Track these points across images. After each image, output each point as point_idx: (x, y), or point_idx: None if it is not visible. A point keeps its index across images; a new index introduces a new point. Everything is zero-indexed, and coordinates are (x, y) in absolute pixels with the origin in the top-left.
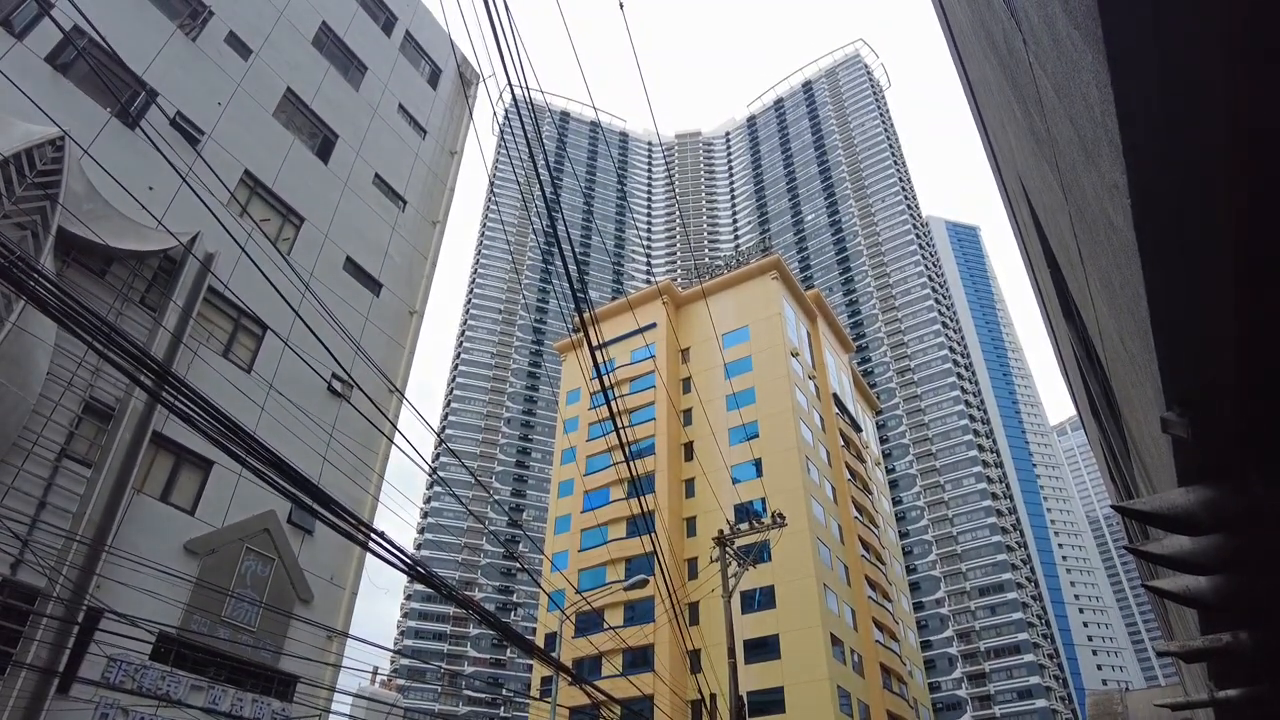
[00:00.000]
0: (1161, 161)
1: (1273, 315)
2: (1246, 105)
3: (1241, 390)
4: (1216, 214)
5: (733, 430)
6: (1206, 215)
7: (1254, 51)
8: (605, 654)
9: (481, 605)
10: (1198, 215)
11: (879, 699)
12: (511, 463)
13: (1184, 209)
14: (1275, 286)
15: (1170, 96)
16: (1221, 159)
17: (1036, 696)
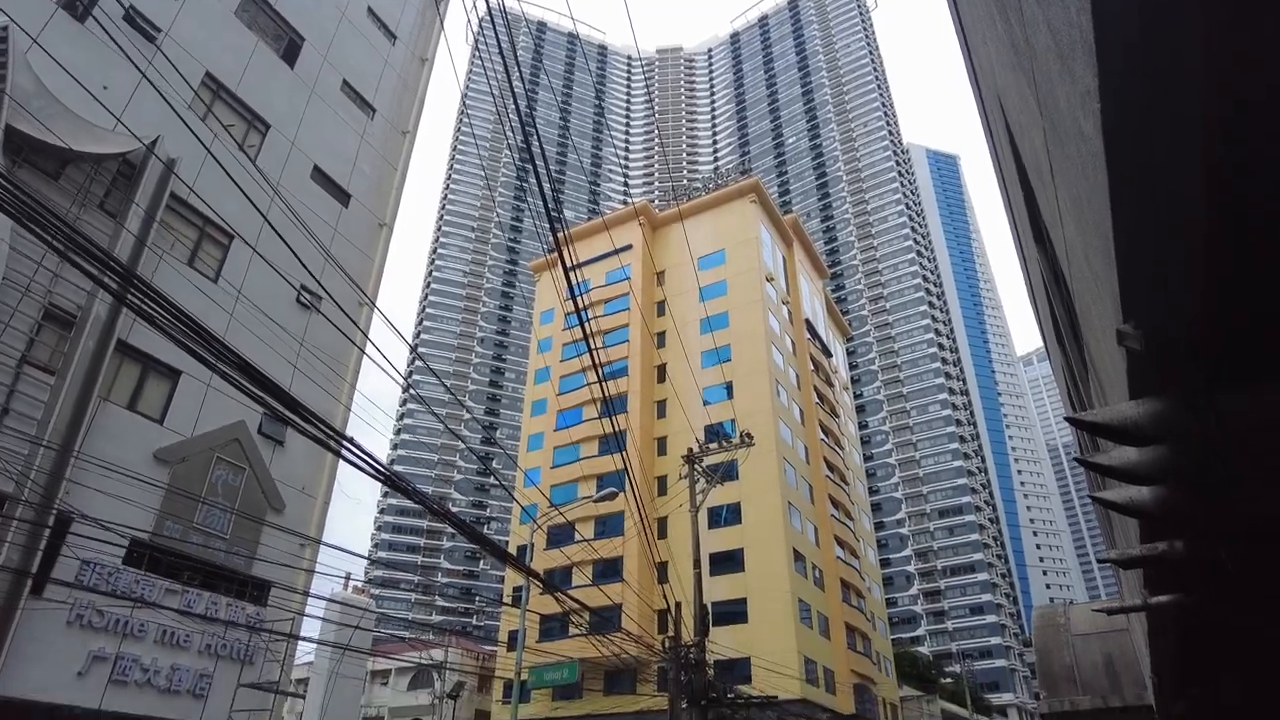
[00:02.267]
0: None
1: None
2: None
3: (1196, 303)
4: (1186, 121)
5: (705, 354)
6: (1177, 122)
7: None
8: (576, 565)
9: (453, 513)
10: (1168, 121)
11: (838, 611)
12: (485, 382)
13: (1154, 113)
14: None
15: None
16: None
17: (988, 612)
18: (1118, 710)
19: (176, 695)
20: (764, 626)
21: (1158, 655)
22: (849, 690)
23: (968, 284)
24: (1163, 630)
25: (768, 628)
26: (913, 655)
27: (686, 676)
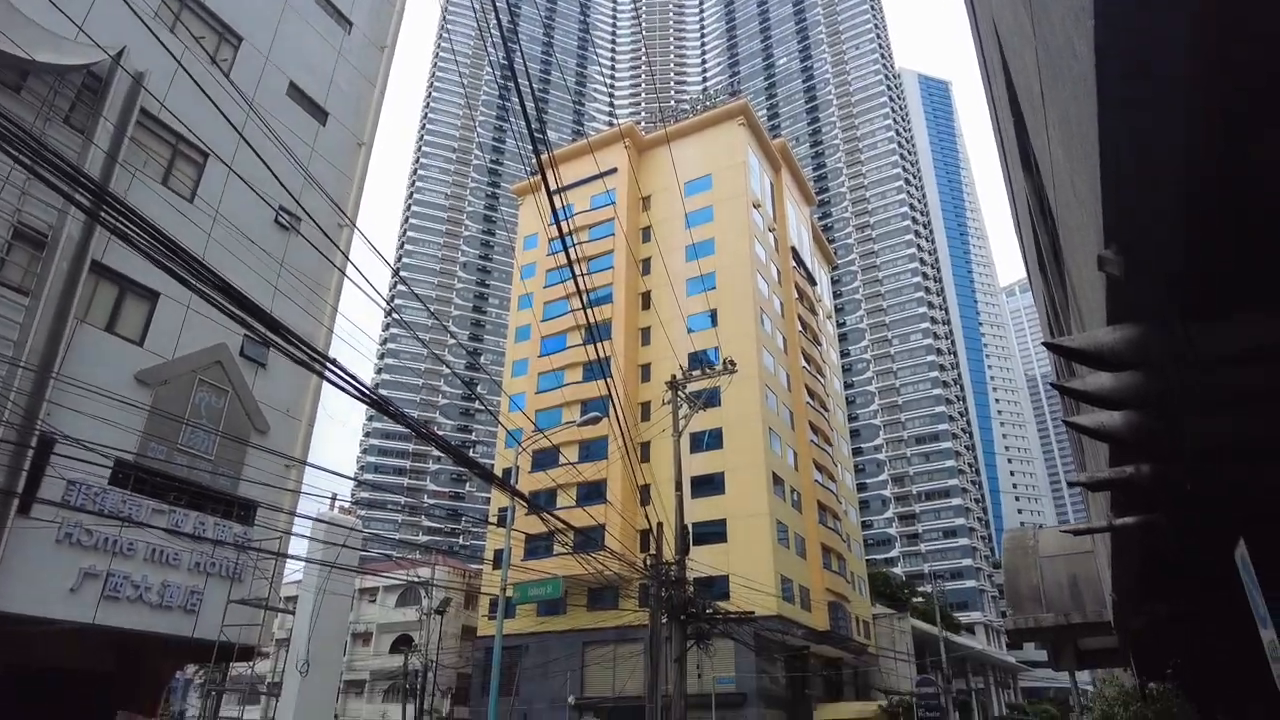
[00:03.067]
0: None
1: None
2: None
3: (1176, 229)
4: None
5: (690, 281)
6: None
7: None
8: (561, 487)
9: (438, 435)
10: (1157, 40)
11: (814, 533)
12: (469, 308)
13: (1144, 31)
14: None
15: None
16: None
17: (960, 535)
18: (1078, 626)
19: (169, 610)
20: (743, 547)
21: (1119, 575)
22: (824, 608)
23: (954, 213)
24: (1125, 551)
25: (746, 548)
26: (886, 575)
27: (667, 593)
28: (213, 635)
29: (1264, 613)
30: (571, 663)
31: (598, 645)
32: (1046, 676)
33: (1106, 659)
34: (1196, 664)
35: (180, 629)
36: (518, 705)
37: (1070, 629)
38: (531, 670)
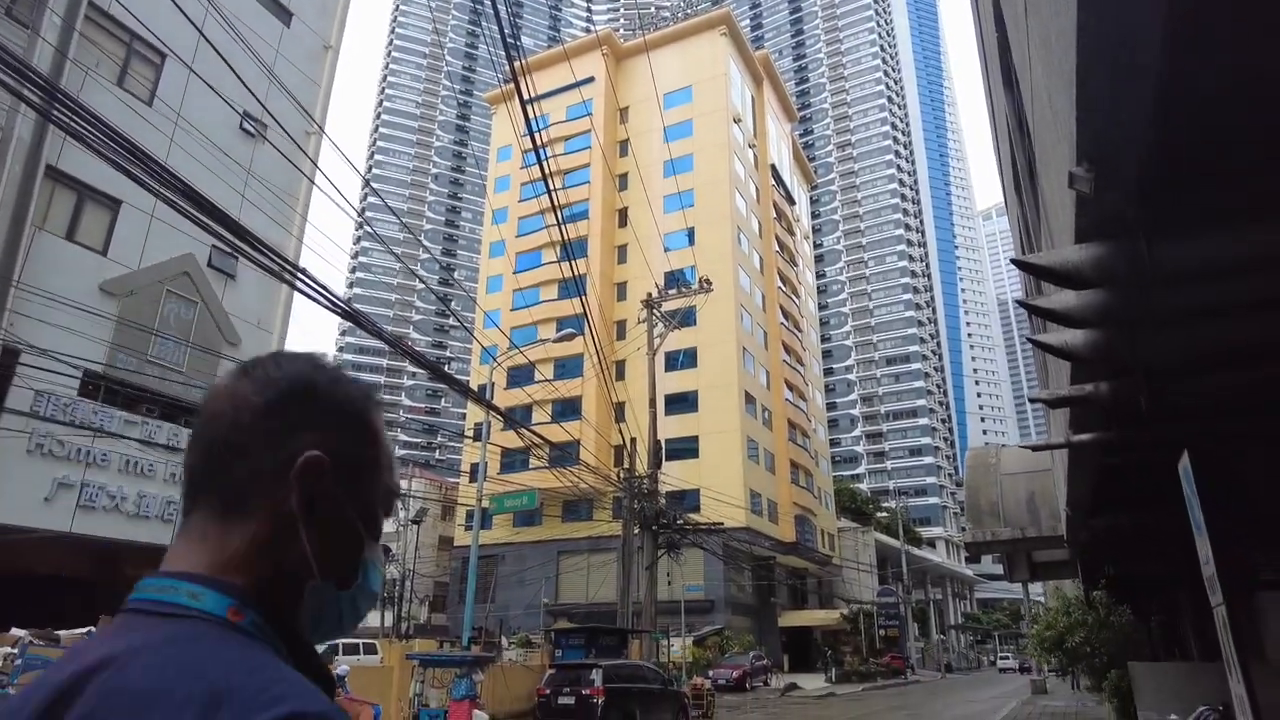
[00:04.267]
0: None
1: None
2: None
3: (1144, 149)
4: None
5: (668, 198)
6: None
7: None
8: (537, 403)
9: (411, 347)
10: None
11: (784, 450)
12: (441, 221)
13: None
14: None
15: None
16: None
17: (925, 454)
18: (1033, 539)
19: (145, 520)
20: (714, 462)
21: (1073, 490)
22: (791, 521)
23: (936, 133)
24: (1080, 467)
25: (717, 463)
26: (852, 491)
27: (639, 504)
28: None
29: (1200, 520)
30: (546, 570)
31: (571, 554)
32: (1001, 589)
33: (1057, 571)
34: (1131, 572)
35: (159, 538)
36: (493, 612)
37: (1025, 541)
38: (508, 578)
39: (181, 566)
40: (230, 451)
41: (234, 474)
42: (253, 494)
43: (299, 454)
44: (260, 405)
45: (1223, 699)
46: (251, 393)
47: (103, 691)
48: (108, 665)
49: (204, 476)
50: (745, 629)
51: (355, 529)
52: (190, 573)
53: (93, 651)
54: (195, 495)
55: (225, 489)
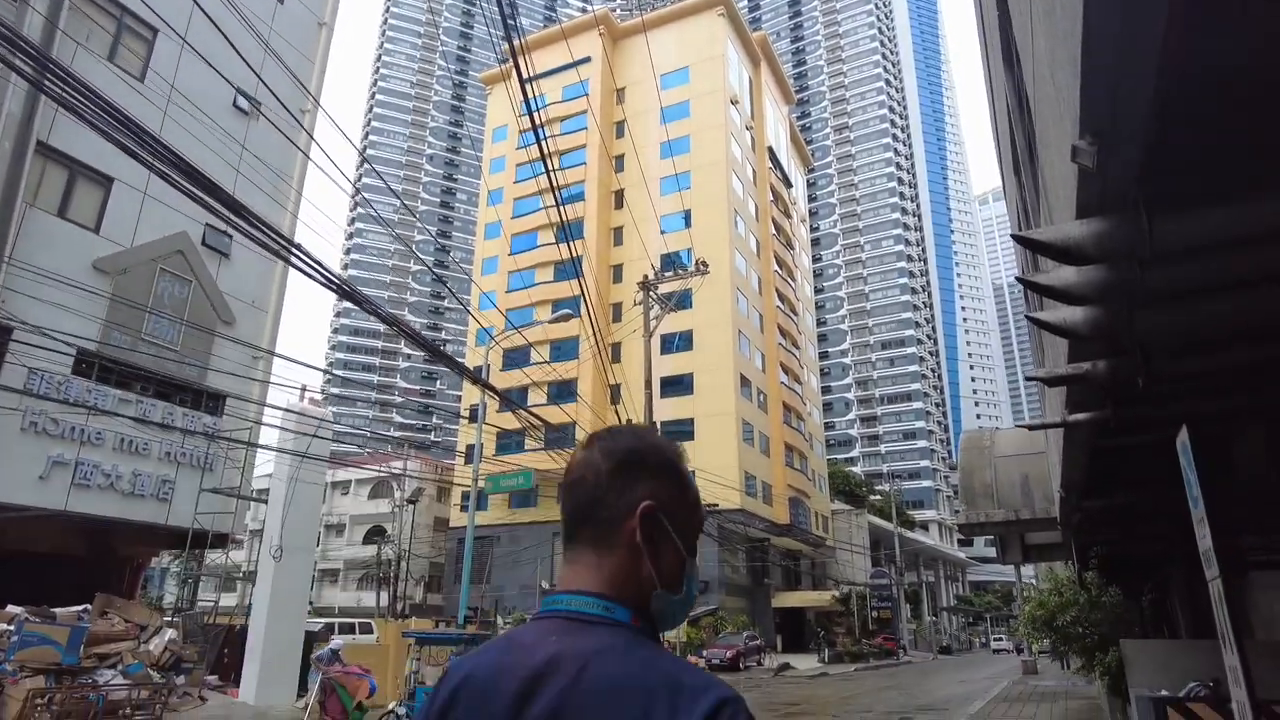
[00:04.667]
0: None
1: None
2: None
3: (1148, 121)
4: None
5: (665, 180)
6: None
7: None
8: (534, 383)
9: (407, 324)
10: None
11: (779, 432)
12: (436, 203)
13: None
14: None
15: None
16: None
17: (919, 438)
18: (1026, 521)
19: (141, 499)
20: (709, 444)
21: (1067, 472)
22: (785, 503)
23: (933, 117)
24: (1075, 447)
25: (713, 445)
26: (846, 474)
27: None
28: (186, 523)
29: (1197, 492)
30: (541, 551)
31: None
32: (994, 571)
33: (1050, 553)
34: (1123, 553)
35: (154, 517)
36: (489, 592)
37: (1019, 524)
38: (503, 559)
39: (585, 586)
40: (594, 503)
41: (599, 518)
42: (613, 531)
43: (638, 502)
44: (608, 469)
45: (1212, 675)
46: (601, 460)
47: (588, 677)
48: (575, 659)
49: (580, 519)
50: (739, 610)
51: (679, 550)
52: (597, 591)
53: (544, 648)
54: (575, 532)
55: (596, 528)
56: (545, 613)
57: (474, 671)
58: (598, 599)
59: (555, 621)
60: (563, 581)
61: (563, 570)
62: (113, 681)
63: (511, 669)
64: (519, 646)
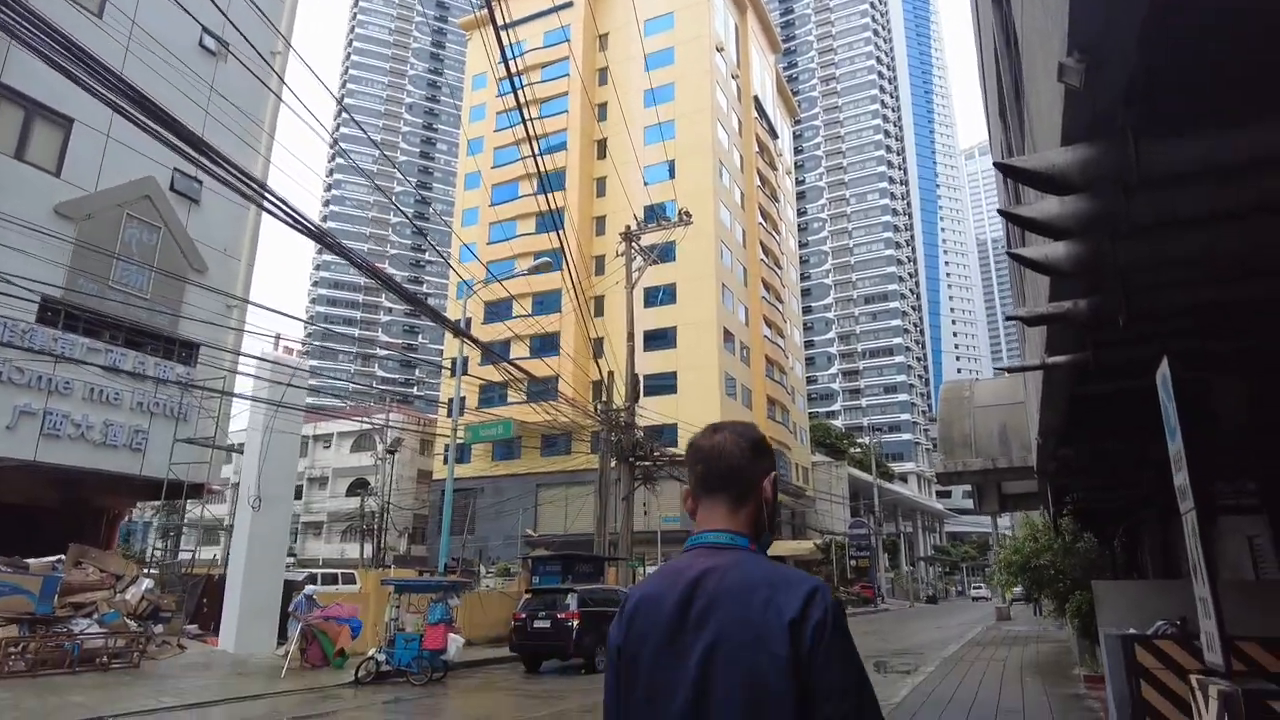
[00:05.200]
0: None
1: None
2: None
3: (1139, 37)
4: None
5: (648, 129)
6: None
7: None
8: (516, 336)
9: (387, 273)
10: None
11: (761, 386)
12: (415, 153)
13: None
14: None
15: None
16: None
17: (900, 391)
18: (1004, 470)
19: (113, 449)
20: (691, 397)
21: (1045, 418)
22: None
23: (921, 69)
24: (1053, 393)
25: (695, 398)
26: (827, 427)
27: (616, 437)
28: (161, 474)
29: (1174, 423)
30: (525, 503)
31: (550, 487)
32: (971, 522)
33: (1025, 502)
34: (1096, 501)
35: (127, 467)
36: (470, 542)
37: (996, 472)
38: (487, 510)
39: (718, 525)
40: (735, 470)
41: (740, 480)
42: (750, 490)
43: (765, 473)
44: (747, 449)
45: (1180, 613)
46: (736, 442)
47: (729, 578)
48: (719, 569)
49: (721, 482)
50: None
51: (776, 506)
52: (725, 528)
53: (697, 566)
54: (713, 489)
55: (735, 489)
56: (691, 545)
57: (646, 591)
58: (727, 533)
59: (700, 550)
60: (703, 523)
61: (702, 514)
62: (88, 630)
63: (674, 583)
64: (677, 570)
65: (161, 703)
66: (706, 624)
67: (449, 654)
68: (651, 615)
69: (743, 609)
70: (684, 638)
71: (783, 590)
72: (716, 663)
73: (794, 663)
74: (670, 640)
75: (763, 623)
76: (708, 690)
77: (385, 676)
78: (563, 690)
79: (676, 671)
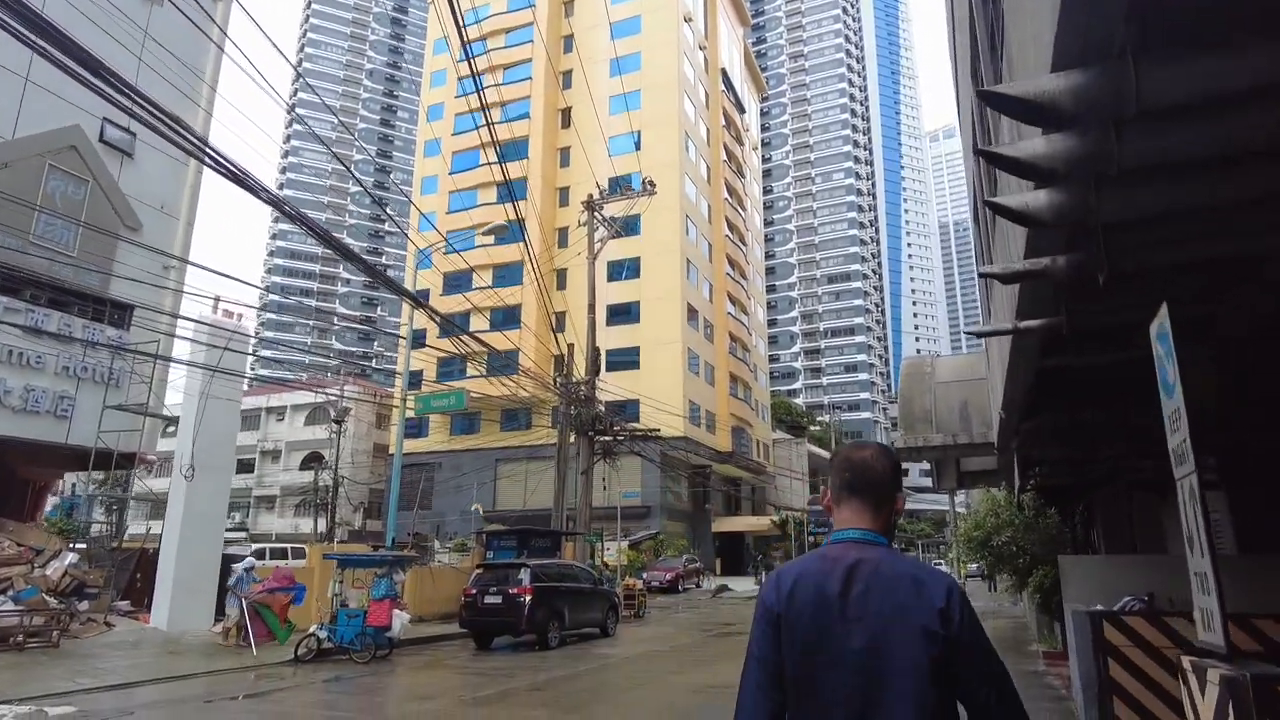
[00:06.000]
0: None
1: None
2: None
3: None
4: None
5: (614, 99)
6: None
7: None
8: (475, 309)
9: (347, 246)
10: None
11: (724, 362)
12: (376, 120)
13: None
14: None
15: None
16: None
17: (861, 371)
18: (963, 446)
19: (35, 415)
20: (654, 373)
21: (1010, 390)
22: (728, 431)
23: (889, 48)
24: (1022, 358)
25: (658, 374)
26: (788, 405)
27: (576, 410)
28: (89, 442)
29: (1173, 380)
30: (483, 478)
31: (509, 462)
32: (927, 500)
33: (985, 479)
34: (1055, 478)
35: (51, 435)
36: (427, 517)
37: (956, 448)
38: (444, 485)
39: (863, 525)
40: (879, 482)
41: (881, 491)
42: (887, 499)
43: (898, 491)
44: (889, 466)
45: (1147, 589)
46: (882, 459)
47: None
48: (871, 560)
49: (865, 488)
50: (680, 534)
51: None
52: (869, 528)
53: (850, 556)
54: (858, 493)
55: (878, 496)
56: (838, 540)
57: (803, 570)
58: (870, 533)
59: (848, 544)
60: (846, 521)
61: (845, 514)
62: (3, 608)
63: (834, 567)
64: (831, 557)
65: (78, 684)
66: (868, 603)
67: (394, 631)
68: (811, 591)
69: (898, 595)
70: (849, 612)
71: (929, 583)
72: (882, 634)
73: (945, 640)
74: (839, 612)
75: (916, 607)
76: (880, 652)
77: (327, 654)
78: (512, 668)
79: (846, 639)
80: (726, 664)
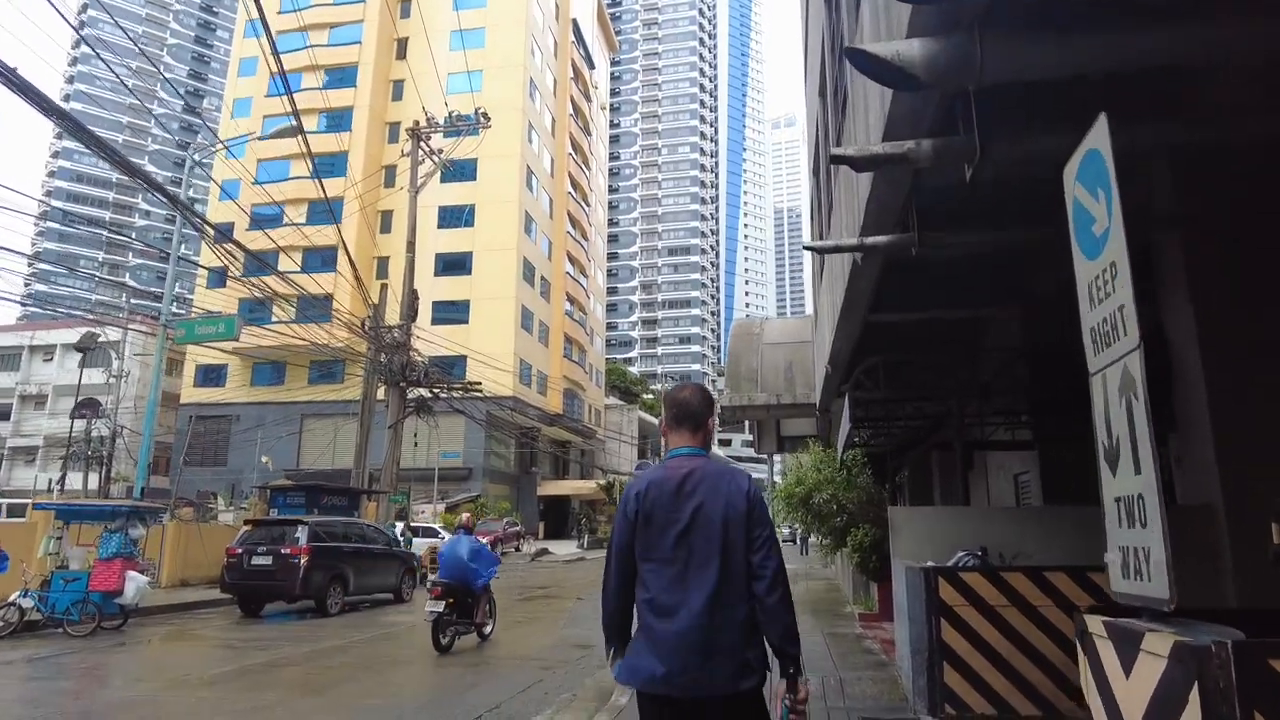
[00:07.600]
0: None
1: None
2: None
3: None
4: None
5: (454, 34)
6: None
7: None
8: (284, 249)
9: (148, 174)
10: None
11: (559, 323)
12: (190, 37)
13: None
14: None
15: None
16: None
17: (694, 343)
18: (786, 405)
19: None
20: (485, 328)
21: (837, 343)
22: (560, 393)
23: (740, 29)
24: (855, 303)
25: (489, 330)
26: (622, 371)
27: (386, 357)
28: None
29: (1109, 224)
30: (287, 431)
31: (318, 418)
32: (750, 466)
33: (803, 444)
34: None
35: None
36: (224, 474)
37: (779, 408)
38: (243, 439)
39: (689, 444)
40: (697, 413)
41: (700, 420)
42: (702, 426)
43: (710, 417)
44: (703, 400)
45: (980, 543)
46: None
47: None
48: (700, 469)
49: (687, 418)
50: (503, 497)
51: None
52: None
53: (686, 465)
54: (681, 423)
55: (695, 423)
56: (674, 456)
57: (653, 477)
58: (695, 449)
59: (681, 458)
60: (676, 443)
61: (675, 438)
62: None
63: (674, 473)
64: (671, 466)
65: None
66: (698, 488)
67: (127, 597)
68: (660, 489)
69: (717, 482)
70: (681, 500)
71: (738, 477)
72: (705, 504)
73: (747, 511)
74: (674, 502)
75: (728, 489)
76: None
77: (35, 626)
78: (275, 638)
79: (677, 513)
80: (527, 630)
